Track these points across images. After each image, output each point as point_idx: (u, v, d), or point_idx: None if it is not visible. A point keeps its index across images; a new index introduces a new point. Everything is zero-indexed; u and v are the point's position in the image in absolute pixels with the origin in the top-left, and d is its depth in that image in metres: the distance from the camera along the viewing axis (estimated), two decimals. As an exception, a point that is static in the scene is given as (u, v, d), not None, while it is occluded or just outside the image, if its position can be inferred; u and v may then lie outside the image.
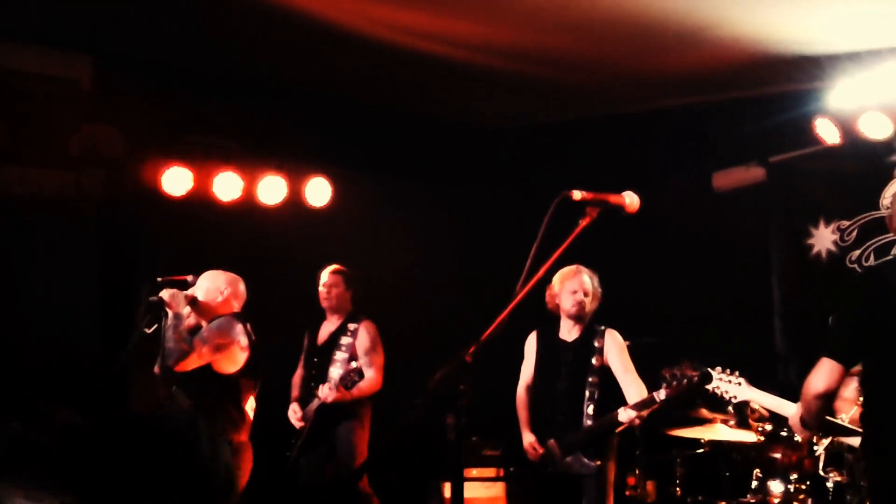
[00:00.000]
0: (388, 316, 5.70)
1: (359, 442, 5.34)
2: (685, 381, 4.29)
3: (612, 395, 4.62)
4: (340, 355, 5.36)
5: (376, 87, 6.40)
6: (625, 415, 4.46)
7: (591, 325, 4.80)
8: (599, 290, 4.81)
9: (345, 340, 5.42)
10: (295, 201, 6.35)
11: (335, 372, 5.28)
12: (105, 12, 5.19)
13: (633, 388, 4.59)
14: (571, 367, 4.72)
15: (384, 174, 6.67)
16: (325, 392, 5.17)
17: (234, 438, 4.54)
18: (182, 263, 4.94)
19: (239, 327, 4.61)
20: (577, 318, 4.76)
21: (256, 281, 5.06)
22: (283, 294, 6.04)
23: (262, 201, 6.26)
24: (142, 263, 5.51)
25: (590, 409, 4.60)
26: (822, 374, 3.22)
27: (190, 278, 4.77)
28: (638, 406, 4.45)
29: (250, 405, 4.70)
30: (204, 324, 4.65)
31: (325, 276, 5.59)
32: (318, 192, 6.43)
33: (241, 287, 4.86)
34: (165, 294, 4.53)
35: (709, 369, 4.20)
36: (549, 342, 4.86)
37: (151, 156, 5.95)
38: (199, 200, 6.06)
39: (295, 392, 5.59)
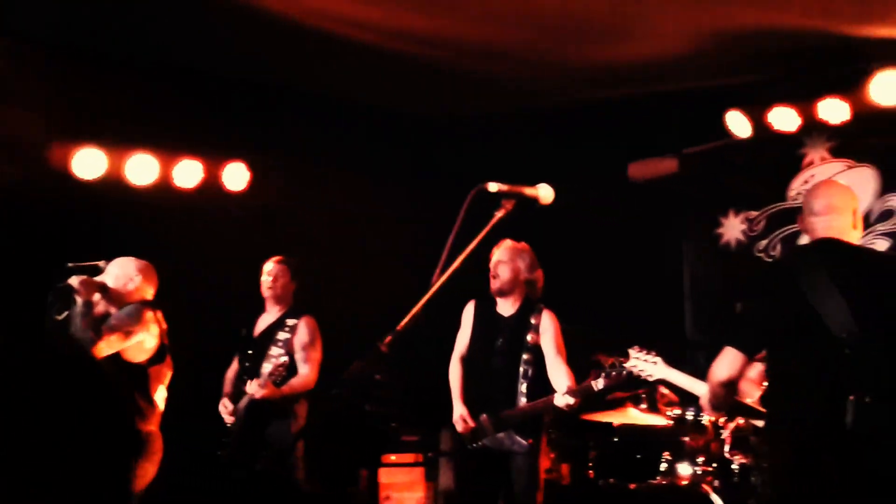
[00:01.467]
0: (307, 303, 5.64)
1: (293, 439, 5.10)
2: (624, 372, 4.29)
3: (545, 374, 4.60)
4: (276, 350, 5.09)
5: (297, 72, 6.32)
6: (562, 400, 4.42)
7: (530, 300, 4.74)
8: (526, 260, 4.73)
9: (282, 336, 5.15)
10: (212, 186, 6.25)
11: (268, 368, 5.02)
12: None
13: (560, 371, 4.55)
14: (506, 343, 4.67)
15: (304, 160, 6.61)
16: (254, 388, 4.97)
17: (142, 428, 4.47)
18: (94, 249, 4.83)
19: (149, 315, 4.54)
20: (498, 292, 4.70)
21: (171, 267, 4.98)
22: (199, 281, 5.96)
23: (177, 185, 6.15)
24: (52, 249, 5.35)
25: (523, 388, 4.58)
26: (726, 363, 3.34)
27: (101, 264, 4.67)
28: (576, 393, 4.42)
29: (160, 394, 4.62)
30: (114, 311, 4.56)
31: (271, 265, 5.37)
32: (236, 176, 6.33)
33: (153, 274, 4.78)
34: (75, 280, 4.43)
35: (628, 349, 4.33)
36: (486, 315, 4.80)
37: (63, 138, 5.78)
38: (113, 184, 5.92)
39: (227, 387, 5.36)
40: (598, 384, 4.38)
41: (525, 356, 4.61)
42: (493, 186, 2.97)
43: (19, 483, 1.03)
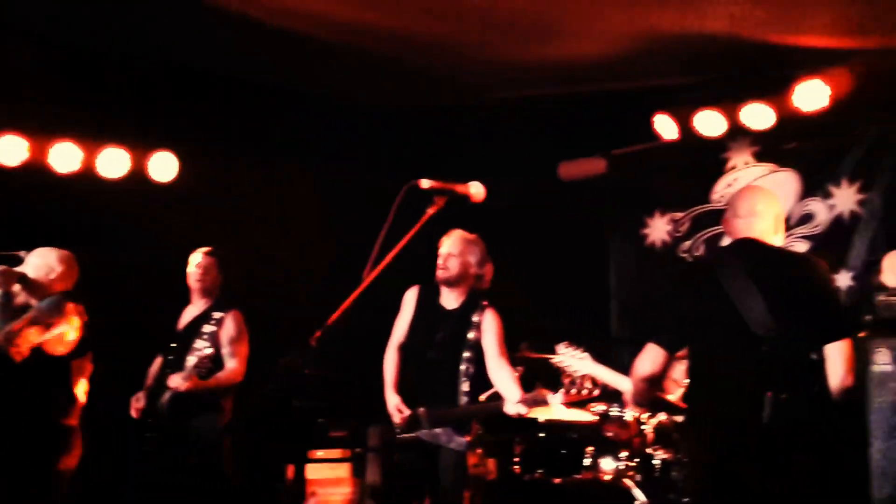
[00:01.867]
0: (239, 296, 5.56)
1: (219, 433, 5.07)
2: (585, 392, 4.27)
3: (485, 373, 4.53)
4: (201, 343, 5.00)
5: (228, 58, 6.25)
6: (513, 408, 4.34)
7: (475, 295, 4.64)
8: (477, 254, 4.65)
9: (207, 329, 5.07)
10: (139, 175, 6.12)
11: (193, 359, 4.96)
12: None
13: (502, 373, 4.48)
14: (447, 337, 4.56)
15: (235, 150, 6.53)
16: (177, 381, 4.89)
17: (62, 422, 4.39)
18: (15, 238, 4.71)
19: (70, 307, 4.45)
20: (445, 282, 4.60)
21: (94, 258, 4.88)
22: (124, 272, 5.84)
23: (102, 174, 6.01)
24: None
25: (465, 387, 4.49)
26: (648, 359, 3.41)
27: (22, 254, 4.56)
28: (529, 402, 4.34)
29: (82, 388, 4.54)
30: (34, 302, 4.45)
31: (200, 256, 5.29)
32: (164, 166, 6.22)
33: (74, 264, 4.68)
34: (-7, 270, 4.32)
35: (556, 345, 4.43)
36: (429, 304, 4.67)
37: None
38: (35, 172, 5.76)
39: (149, 381, 5.26)
40: (555, 399, 4.29)
41: (466, 354, 4.51)
42: (425, 183, 3.01)
43: None
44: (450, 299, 4.64)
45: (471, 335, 4.52)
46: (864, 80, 5.43)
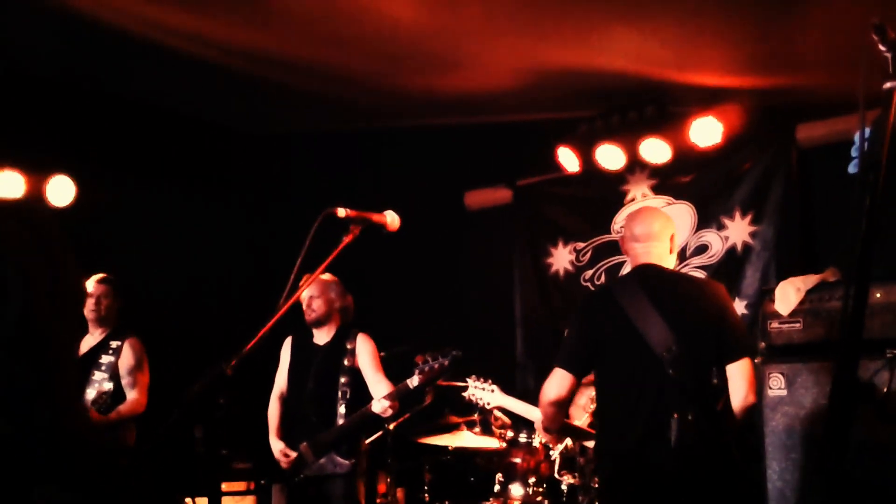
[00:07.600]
0: (140, 325, 5.42)
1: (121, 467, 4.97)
2: (437, 365, 4.41)
3: (364, 395, 4.67)
4: (100, 375, 4.94)
5: (130, 83, 6.13)
6: (378, 405, 4.49)
7: (344, 327, 4.87)
8: (336, 290, 4.88)
9: (105, 359, 5.00)
10: (35, 199, 5.91)
11: (92, 393, 4.87)
12: None
13: (381, 386, 4.65)
14: (321, 368, 4.75)
15: (137, 175, 6.37)
16: None
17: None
18: None
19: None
20: (315, 323, 4.83)
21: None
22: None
23: (-3, 198, 5.78)
24: None
25: (342, 409, 4.65)
26: (555, 384, 3.48)
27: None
28: (392, 396, 4.50)
29: None
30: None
31: (92, 285, 5.17)
32: (61, 190, 6.02)
33: None
34: None
35: (466, 378, 4.52)
36: (303, 347, 4.90)
37: None
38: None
39: None
40: (413, 381, 4.48)
41: (342, 379, 4.70)
42: (341, 212, 3.00)
43: None
44: (322, 336, 4.87)
45: (346, 361, 4.73)
46: (755, 117, 5.69)
